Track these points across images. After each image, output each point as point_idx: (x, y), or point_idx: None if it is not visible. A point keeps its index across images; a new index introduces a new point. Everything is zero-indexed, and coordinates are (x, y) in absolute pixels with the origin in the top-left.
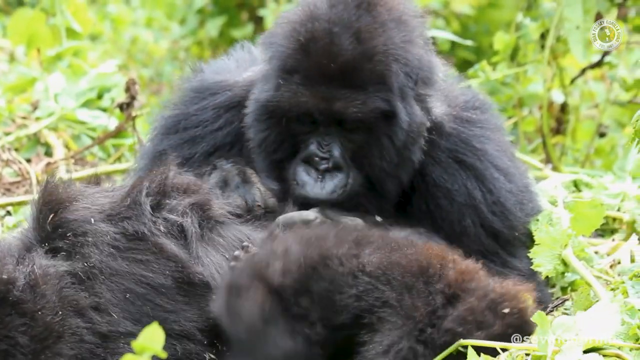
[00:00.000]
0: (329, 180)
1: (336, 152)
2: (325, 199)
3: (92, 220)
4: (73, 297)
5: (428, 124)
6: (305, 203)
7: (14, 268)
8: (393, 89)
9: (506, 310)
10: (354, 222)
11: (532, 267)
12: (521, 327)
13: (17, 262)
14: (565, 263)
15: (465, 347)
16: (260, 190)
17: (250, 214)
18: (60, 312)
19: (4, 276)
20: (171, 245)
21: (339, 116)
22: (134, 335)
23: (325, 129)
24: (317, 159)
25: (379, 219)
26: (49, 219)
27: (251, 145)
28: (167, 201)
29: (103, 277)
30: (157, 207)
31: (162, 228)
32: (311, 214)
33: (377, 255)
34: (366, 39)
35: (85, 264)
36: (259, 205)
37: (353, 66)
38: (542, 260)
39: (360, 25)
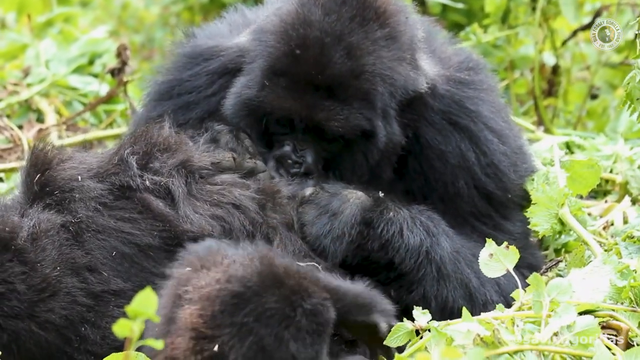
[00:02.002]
0: (298, 184)
1: (309, 159)
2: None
3: (79, 177)
4: (70, 255)
5: (404, 143)
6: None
7: (19, 220)
8: (376, 108)
9: None
10: (354, 194)
11: (529, 226)
12: None
13: (21, 215)
14: (562, 222)
15: None
16: (249, 145)
17: (238, 165)
18: (58, 268)
19: (7, 228)
20: (158, 203)
21: (320, 126)
22: (125, 293)
23: (303, 135)
24: (290, 161)
25: (381, 194)
26: (36, 178)
27: None
28: (151, 164)
29: (90, 234)
30: (144, 167)
31: (148, 184)
32: (307, 190)
33: None
34: (356, 56)
35: (74, 220)
36: (249, 156)
37: (340, 81)
38: (539, 220)
39: (352, 40)
